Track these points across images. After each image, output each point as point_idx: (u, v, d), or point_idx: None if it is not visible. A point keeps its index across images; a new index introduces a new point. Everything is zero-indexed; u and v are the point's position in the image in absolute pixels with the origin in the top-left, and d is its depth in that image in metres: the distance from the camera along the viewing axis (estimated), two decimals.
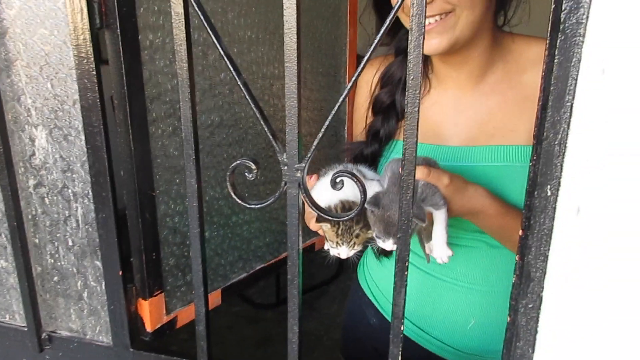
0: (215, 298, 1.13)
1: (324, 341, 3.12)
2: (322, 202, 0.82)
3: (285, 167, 0.76)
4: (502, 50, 0.97)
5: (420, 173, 0.78)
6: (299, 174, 0.77)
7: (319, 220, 0.85)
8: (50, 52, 0.86)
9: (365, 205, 0.78)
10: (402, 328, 0.79)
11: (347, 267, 3.96)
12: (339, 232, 0.81)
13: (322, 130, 0.76)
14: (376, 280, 1.15)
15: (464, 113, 0.98)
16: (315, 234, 1.46)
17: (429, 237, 0.93)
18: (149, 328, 0.99)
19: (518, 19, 1.00)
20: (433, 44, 0.87)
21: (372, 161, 1.07)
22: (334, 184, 0.76)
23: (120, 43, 0.87)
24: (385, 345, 0.79)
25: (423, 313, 1.05)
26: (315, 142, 0.77)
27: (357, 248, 0.83)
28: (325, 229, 0.84)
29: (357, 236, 0.81)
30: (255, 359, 2.89)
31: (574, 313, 0.60)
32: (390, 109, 1.06)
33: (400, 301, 0.77)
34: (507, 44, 0.97)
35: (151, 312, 0.99)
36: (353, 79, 0.73)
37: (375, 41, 0.68)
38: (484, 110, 0.96)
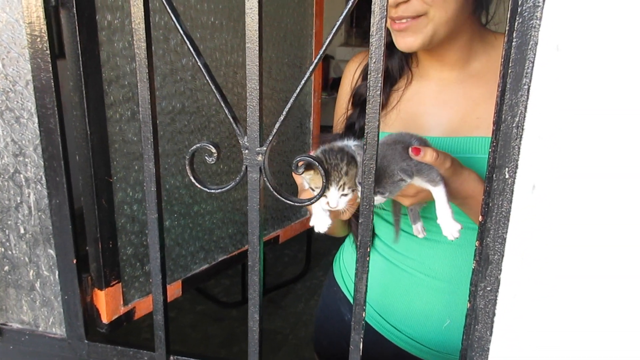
0: (175, 289, 1.11)
1: (289, 339, 3.10)
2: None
3: (247, 151, 0.75)
4: (485, 45, 0.99)
5: (430, 156, 0.78)
6: (260, 158, 0.75)
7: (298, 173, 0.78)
8: (1, 30, 0.83)
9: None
10: (363, 315, 0.78)
11: (314, 266, 3.95)
12: (326, 172, 0.72)
13: (284, 112, 0.75)
14: (351, 274, 1.14)
15: (447, 104, 0.99)
16: (280, 225, 1.45)
17: (417, 218, 0.93)
18: (105, 319, 0.96)
19: (499, 18, 1.02)
20: (408, 41, 0.90)
21: None
22: (295, 168, 0.75)
23: (76, 22, 0.84)
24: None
25: (397, 310, 1.05)
26: (277, 125, 0.76)
27: (347, 193, 0.78)
28: (307, 177, 0.80)
29: (346, 173, 0.77)
30: (219, 358, 2.85)
31: (531, 294, 0.61)
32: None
33: (362, 287, 0.77)
34: (490, 40, 1.00)
35: (107, 303, 0.96)
36: (310, 70, 0.72)
37: (333, 30, 0.68)
38: (467, 102, 0.97)
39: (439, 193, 0.80)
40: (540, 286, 0.59)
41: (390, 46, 1.04)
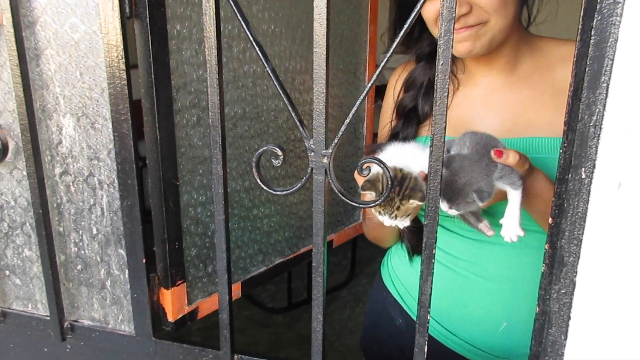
0: (235, 290, 1.13)
1: (336, 347, 3.10)
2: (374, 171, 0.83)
3: (312, 153, 0.77)
4: (530, 47, 0.99)
5: (512, 158, 0.78)
6: (325, 160, 0.77)
7: (364, 187, 0.84)
8: (79, 41, 0.87)
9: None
10: (428, 317, 0.78)
11: (359, 273, 3.93)
12: (382, 203, 0.80)
13: (350, 116, 0.76)
14: (402, 280, 1.14)
15: (496, 107, 1.00)
16: (334, 229, 1.46)
17: (478, 219, 0.93)
18: (170, 318, 0.99)
19: (543, 17, 1.02)
20: (467, 47, 0.91)
21: None
22: (360, 170, 0.77)
23: (149, 32, 0.88)
24: (412, 347, 0.79)
25: (452, 314, 1.04)
26: (343, 128, 0.77)
27: (402, 220, 0.83)
28: (370, 197, 0.84)
29: (397, 208, 0.81)
30: (284, 359, 2.87)
31: (611, 297, 0.60)
32: (412, 112, 1.08)
33: (427, 289, 0.77)
34: (535, 42, 1.00)
35: (173, 302, 0.99)
36: (372, 79, 0.74)
37: (392, 47, 0.70)
38: (516, 105, 0.98)
39: (516, 197, 0.80)
40: (623, 289, 0.58)
41: (431, 55, 1.04)
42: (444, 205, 0.80)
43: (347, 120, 0.77)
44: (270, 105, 1.16)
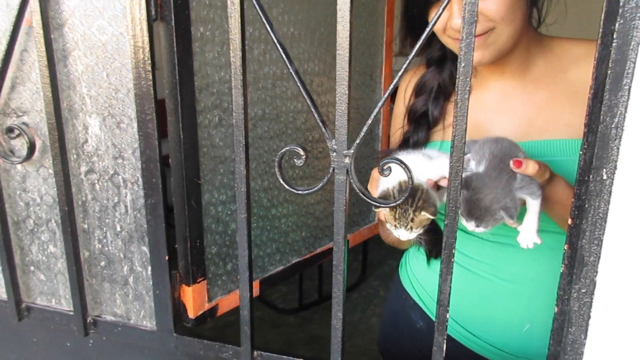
0: (254, 288, 1.15)
1: (347, 348, 3.11)
2: (383, 186, 0.85)
3: (334, 154, 0.78)
4: (542, 48, 0.99)
5: (532, 168, 0.78)
6: (347, 160, 0.78)
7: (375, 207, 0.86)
8: (107, 43, 0.90)
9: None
10: (447, 316, 0.79)
11: (369, 275, 3.92)
12: (397, 215, 0.83)
13: (371, 118, 0.78)
14: (422, 282, 1.15)
15: (510, 111, 1.00)
16: (349, 230, 1.48)
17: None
18: (191, 314, 1.01)
19: (553, 18, 1.02)
20: (476, 56, 0.91)
21: None
22: (382, 171, 0.78)
23: (174, 34, 0.90)
24: (432, 349, 0.80)
25: (473, 316, 1.05)
26: (365, 129, 0.78)
27: (416, 231, 0.84)
28: (384, 212, 0.86)
29: (412, 220, 0.82)
30: (302, 356, 2.89)
31: (630, 296, 0.60)
32: (423, 117, 1.09)
33: (446, 288, 0.78)
34: (547, 43, 0.99)
35: (194, 299, 1.01)
36: (390, 87, 0.75)
37: (410, 56, 0.72)
38: (531, 107, 0.97)
39: (535, 206, 0.80)
40: None
41: (441, 60, 1.05)
42: (470, 225, 0.79)
43: (369, 122, 0.78)
44: (289, 107, 1.18)
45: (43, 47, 0.89)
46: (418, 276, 1.18)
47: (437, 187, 0.86)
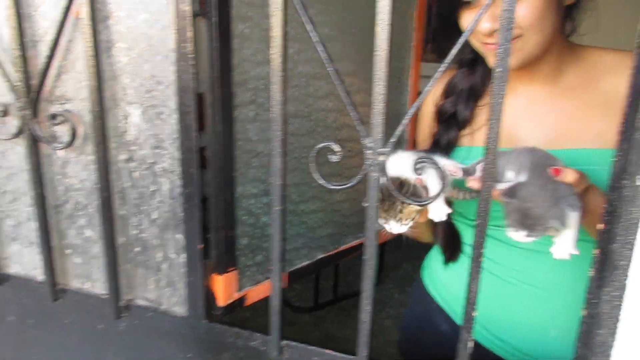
0: (283, 280, 1.17)
1: None
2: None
3: (370, 151, 0.80)
4: (575, 57, 0.99)
5: (571, 176, 0.78)
6: (382, 158, 0.80)
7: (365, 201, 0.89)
8: (150, 36, 0.93)
9: (502, 197, 0.80)
10: (473, 314, 0.81)
11: (385, 277, 3.92)
12: (386, 208, 0.87)
13: (406, 117, 0.80)
14: (446, 285, 1.16)
15: (540, 118, 1.00)
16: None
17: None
18: (221, 303, 1.04)
19: (586, 28, 1.02)
20: None
21: None
22: (414, 169, 0.81)
23: (215, 30, 0.93)
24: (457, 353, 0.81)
25: (500, 321, 1.06)
26: (400, 128, 0.80)
27: (406, 223, 0.88)
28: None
29: (400, 211, 0.86)
30: (328, 348, 2.91)
31: None
32: (452, 118, 1.10)
33: (475, 287, 0.80)
34: (579, 52, 1.00)
35: (224, 288, 1.04)
36: (427, 88, 0.77)
37: (447, 59, 0.74)
38: (562, 115, 0.98)
39: (575, 218, 0.78)
40: None
41: (473, 63, 1.06)
42: (519, 235, 0.79)
43: (405, 121, 0.80)
44: (320, 105, 1.20)
45: (90, 38, 0.92)
46: (442, 279, 1.19)
47: (424, 186, 0.87)
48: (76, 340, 1.17)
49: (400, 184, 0.87)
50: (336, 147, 0.84)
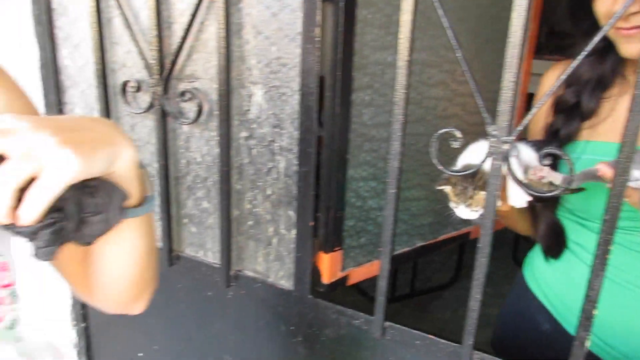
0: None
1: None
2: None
3: (494, 139, 0.80)
4: None
5: None
6: (506, 147, 0.80)
7: (440, 184, 0.91)
8: (280, 19, 0.97)
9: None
10: (593, 312, 0.79)
11: (463, 276, 3.82)
12: (457, 192, 0.88)
13: (537, 106, 0.79)
14: (550, 283, 1.13)
15: None
16: (471, 222, 1.47)
17: None
18: (325, 280, 1.07)
19: None
20: (637, 47, 0.87)
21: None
22: (542, 158, 0.80)
23: (340, 15, 0.95)
24: (559, 353, 0.79)
25: (614, 328, 1.02)
26: (529, 117, 0.79)
27: (477, 209, 0.88)
28: (446, 190, 0.91)
29: (471, 197, 0.87)
30: (432, 332, 2.92)
31: None
32: (573, 109, 1.06)
33: (597, 285, 0.77)
34: None
35: (330, 266, 1.07)
36: (557, 83, 0.75)
37: (587, 49, 0.71)
38: None
39: None
40: None
41: (602, 52, 1.01)
42: None
43: (534, 110, 0.79)
44: (431, 93, 1.20)
45: (223, 20, 0.98)
46: (545, 277, 1.16)
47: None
48: (186, 304, 1.25)
49: (475, 173, 0.87)
50: (458, 134, 0.85)
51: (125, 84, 1.16)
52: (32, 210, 0.39)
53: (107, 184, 0.47)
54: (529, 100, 1.55)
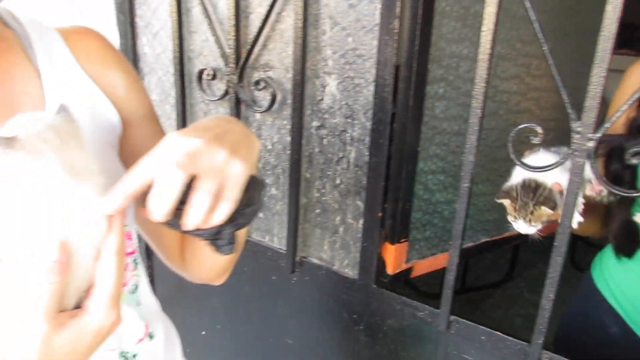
0: (443, 259, 1.19)
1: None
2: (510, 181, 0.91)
3: (577, 135, 0.78)
4: None
5: None
6: (590, 144, 0.78)
7: (499, 197, 0.92)
8: (358, 10, 0.98)
9: None
10: None
11: (516, 276, 3.73)
12: (517, 207, 0.88)
13: (629, 102, 0.76)
14: (620, 285, 1.10)
15: None
16: None
17: None
18: (390, 271, 1.08)
19: None
20: None
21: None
22: (632, 156, 0.78)
23: (419, 6, 0.95)
24: (627, 357, 0.76)
25: None
26: (618, 114, 0.77)
27: (535, 225, 0.89)
28: (506, 204, 0.91)
29: (531, 213, 0.87)
30: (495, 327, 2.91)
31: None
32: None
33: None
34: None
35: (395, 257, 1.08)
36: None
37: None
38: None
39: None
40: None
41: None
42: None
43: (625, 107, 0.77)
44: (504, 87, 1.18)
45: (301, 12, 1.00)
46: (616, 279, 1.12)
47: (561, 192, 0.87)
48: (250, 287, 1.29)
49: (536, 186, 0.87)
50: (539, 129, 0.83)
51: (201, 72, 1.20)
52: (222, 214, 0.47)
53: (252, 177, 0.51)
54: None
